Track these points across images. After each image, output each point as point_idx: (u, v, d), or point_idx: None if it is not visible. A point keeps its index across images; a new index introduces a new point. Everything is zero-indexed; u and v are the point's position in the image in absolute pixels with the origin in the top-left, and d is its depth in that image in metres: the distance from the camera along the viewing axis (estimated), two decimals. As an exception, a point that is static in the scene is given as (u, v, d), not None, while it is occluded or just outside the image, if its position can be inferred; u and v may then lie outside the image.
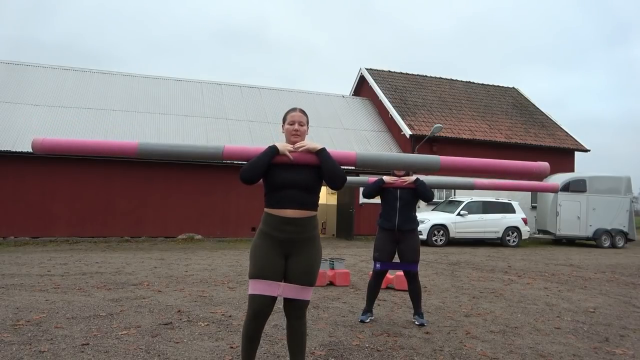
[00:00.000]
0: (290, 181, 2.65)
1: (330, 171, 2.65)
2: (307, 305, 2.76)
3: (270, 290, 2.64)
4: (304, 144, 2.68)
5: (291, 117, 2.77)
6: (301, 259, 2.69)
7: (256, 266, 2.67)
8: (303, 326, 2.75)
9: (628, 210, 15.71)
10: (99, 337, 3.69)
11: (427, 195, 4.37)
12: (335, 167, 2.66)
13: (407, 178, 4.38)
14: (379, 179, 4.45)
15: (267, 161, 2.62)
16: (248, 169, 2.62)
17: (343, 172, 2.69)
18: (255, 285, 2.65)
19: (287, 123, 2.78)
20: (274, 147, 2.65)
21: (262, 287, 2.64)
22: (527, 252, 12.60)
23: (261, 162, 2.61)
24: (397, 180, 4.38)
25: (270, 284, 2.64)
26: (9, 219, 12.42)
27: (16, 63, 15.70)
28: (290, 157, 2.64)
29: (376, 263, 4.45)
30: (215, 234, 13.96)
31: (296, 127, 2.74)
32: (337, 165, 2.67)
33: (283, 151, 2.63)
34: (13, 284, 5.92)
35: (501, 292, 6.24)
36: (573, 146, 18.56)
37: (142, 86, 16.30)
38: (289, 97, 17.95)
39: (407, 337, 3.94)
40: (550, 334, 4.20)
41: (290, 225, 2.65)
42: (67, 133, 13.28)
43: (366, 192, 4.51)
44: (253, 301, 2.64)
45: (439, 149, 16.66)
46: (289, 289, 2.67)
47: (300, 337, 2.74)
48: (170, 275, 6.85)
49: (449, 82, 21.04)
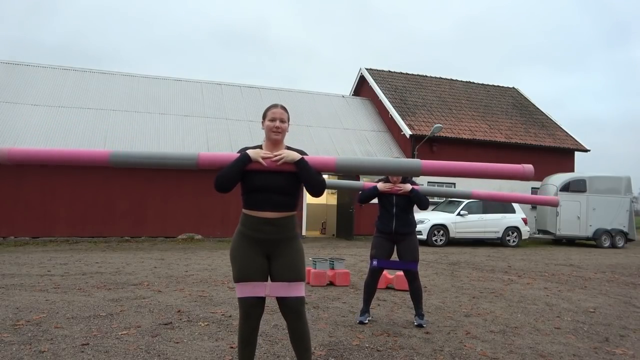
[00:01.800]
0: (266, 186, 2.60)
1: (308, 181, 2.59)
2: (303, 303, 2.67)
3: (256, 291, 2.62)
4: (282, 155, 2.56)
5: (272, 114, 2.67)
6: (284, 258, 2.66)
7: (239, 269, 2.64)
8: (304, 326, 2.67)
9: (628, 210, 15.72)
10: (99, 337, 3.69)
11: (423, 204, 4.32)
12: (313, 176, 2.59)
13: (403, 186, 4.31)
14: (373, 187, 4.40)
15: (239, 171, 2.56)
16: (221, 179, 2.56)
17: (322, 179, 2.64)
18: (241, 288, 2.64)
19: (267, 119, 2.68)
20: (246, 155, 2.56)
21: (248, 289, 2.62)
22: (527, 252, 12.60)
23: (233, 172, 2.55)
24: (393, 187, 4.33)
25: (255, 285, 2.62)
26: (9, 219, 12.42)
27: (16, 63, 15.70)
28: (264, 163, 2.55)
29: (373, 260, 4.41)
30: (215, 234, 13.96)
31: (277, 124, 2.64)
32: (315, 175, 2.60)
33: (255, 158, 2.55)
34: (13, 284, 5.92)
35: (501, 292, 6.24)
36: (573, 146, 18.56)
37: (142, 86, 16.30)
38: (289, 97, 17.94)
39: (407, 337, 3.94)
40: (550, 334, 4.20)
41: (269, 226, 2.62)
42: (67, 133, 13.29)
43: (361, 198, 4.46)
44: (242, 304, 2.64)
45: (439, 149, 16.67)
46: (277, 288, 2.63)
47: (302, 338, 2.65)
48: (170, 275, 6.85)
49: (449, 82, 21.05)
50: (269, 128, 2.67)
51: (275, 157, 2.56)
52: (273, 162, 2.56)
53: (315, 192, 2.63)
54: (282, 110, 2.70)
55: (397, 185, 4.33)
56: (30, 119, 13.42)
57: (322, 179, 2.65)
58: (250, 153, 2.57)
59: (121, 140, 13.60)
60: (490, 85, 21.77)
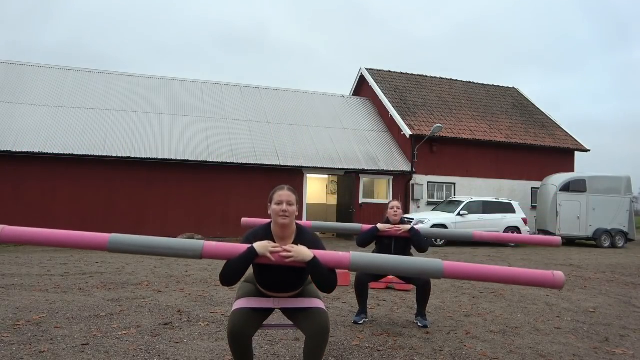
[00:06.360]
0: (276, 280, 2.58)
1: (319, 281, 2.45)
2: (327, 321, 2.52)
3: (262, 303, 2.60)
4: (292, 254, 2.40)
5: (279, 197, 2.53)
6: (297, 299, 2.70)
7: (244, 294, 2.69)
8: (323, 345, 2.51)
9: (628, 210, 15.71)
10: (99, 337, 3.69)
11: (422, 247, 4.28)
12: (324, 277, 2.44)
13: (402, 227, 4.29)
14: (373, 227, 4.38)
15: (246, 266, 2.44)
16: (226, 274, 2.45)
17: (333, 278, 2.48)
18: (241, 301, 2.61)
19: (274, 203, 2.54)
20: (253, 249, 2.40)
21: (250, 302, 2.60)
22: (527, 252, 12.60)
23: (239, 268, 2.43)
24: (392, 228, 4.30)
25: (261, 300, 2.62)
26: (9, 219, 12.39)
27: (16, 63, 15.69)
28: (272, 258, 2.40)
29: None
30: (215, 234, 13.96)
31: (284, 207, 2.49)
32: (326, 275, 2.44)
33: (263, 253, 2.40)
34: (13, 284, 5.92)
35: (501, 292, 6.24)
36: (573, 146, 18.55)
37: (142, 86, 16.30)
38: (289, 97, 17.94)
39: (407, 337, 3.93)
40: (550, 334, 4.20)
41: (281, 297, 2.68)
42: (67, 133, 13.28)
43: (359, 240, 4.43)
44: (233, 317, 2.50)
45: (439, 149, 16.67)
46: (293, 302, 2.63)
47: None
48: (170, 275, 6.85)
49: (449, 82, 21.04)
50: (275, 212, 2.53)
51: (285, 253, 2.42)
52: (282, 258, 2.42)
53: (325, 291, 2.50)
54: (289, 193, 2.55)
55: (396, 227, 4.30)
56: (30, 119, 13.41)
57: (334, 279, 2.49)
58: (257, 248, 2.41)
59: (121, 140, 13.61)
60: (490, 85, 21.76)
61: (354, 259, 2.47)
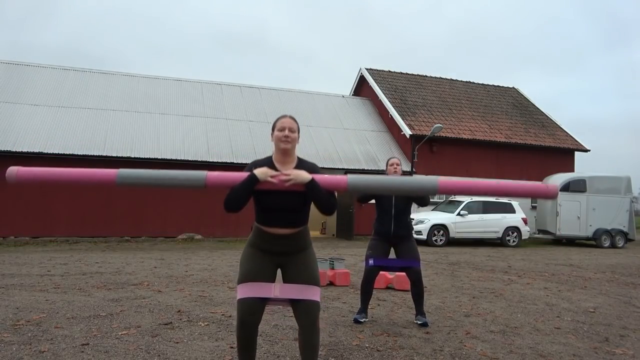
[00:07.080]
0: (277, 206, 2.58)
1: (319, 202, 2.53)
2: (318, 311, 2.63)
3: (262, 292, 2.57)
4: (291, 177, 2.49)
5: (281, 123, 2.61)
6: (298, 264, 2.65)
7: (245, 272, 2.62)
8: (317, 337, 2.62)
9: (628, 210, 15.72)
10: (99, 337, 3.69)
11: (423, 200, 4.30)
12: (323, 198, 2.52)
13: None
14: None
15: (247, 191, 2.51)
16: (230, 201, 2.52)
17: (333, 200, 2.57)
18: (243, 289, 2.58)
19: (276, 129, 2.62)
20: (253, 175, 2.49)
21: (252, 289, 2.56)
22: (527, 252, 12.60)
23: (241, 194, 2.50)
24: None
25: (262, 285, 2.58)
26: (9, 219, 12.42)
27: (16, 63, 15.70)
28: (274, 181, 2.49)
29: (369, 260, 4.40)
30: (215, 234, 13.96)
31: (286, 132, 2.57)
32: (325, 196, 2.53)
33: (263, 178, 2.49)
34: (13, 284, 5.92)
35: (501, 292, 6.24)
36: (573, 146, 18.57)
37: (142, 86, 16.30)
38: (289, 97, 17.95)
39: (407, 337, 3.93)
40: (550, 334, 4.20)
41: (282, 240, 2.62)
42: (67, 133, 13.29)
43: (359, 196, 4.44)
44: (240, 308, 2.55)
45: (439, 149, 16.68)
46: (289, 289, 2.60)
47: (314, 350, 2.62)
48: (170, 275, 6.85)
49: (449, 82, 21.05)
50: (277, 138, 2.60)
51: (284, 177, 2.50)
52: (281, 182, 2.50)
53: (326, 212, 2.57)
54: (291, 120, 2.63)
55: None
56: (30, 119, 13.42)
57: (333, 200, 2.58)
58: (257, 173, 2.49)
59: (121, 140, 13.61)
60: (490, 85, 21.77)
61: (351, 180, 2.58)
